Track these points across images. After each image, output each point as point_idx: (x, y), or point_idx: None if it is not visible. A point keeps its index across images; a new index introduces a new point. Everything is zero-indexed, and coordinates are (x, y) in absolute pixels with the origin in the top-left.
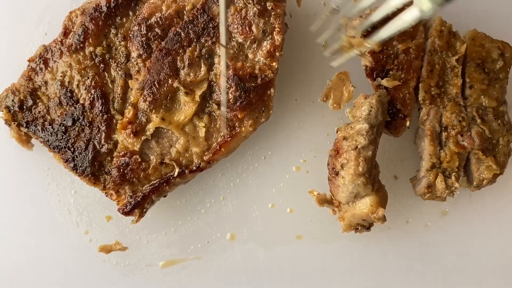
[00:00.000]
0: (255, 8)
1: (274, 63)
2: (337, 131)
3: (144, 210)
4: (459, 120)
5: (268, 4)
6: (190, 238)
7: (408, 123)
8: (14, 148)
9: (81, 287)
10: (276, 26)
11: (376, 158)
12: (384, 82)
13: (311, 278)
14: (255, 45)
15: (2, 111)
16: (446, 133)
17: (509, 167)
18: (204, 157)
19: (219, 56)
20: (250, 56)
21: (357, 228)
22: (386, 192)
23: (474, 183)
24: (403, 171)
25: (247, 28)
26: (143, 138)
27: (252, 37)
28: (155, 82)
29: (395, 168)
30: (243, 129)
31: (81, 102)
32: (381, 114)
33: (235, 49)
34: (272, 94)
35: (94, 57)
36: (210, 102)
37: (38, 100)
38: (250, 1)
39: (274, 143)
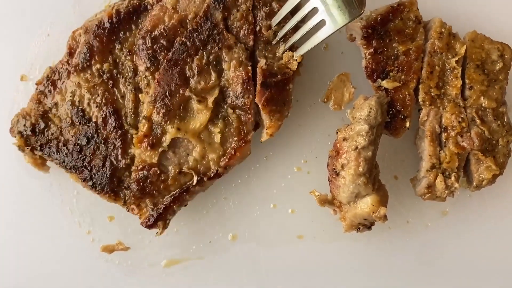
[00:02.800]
0: (262, 12)
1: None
2: (337, 132)
3: (167, 221)
4: (458, 121)
5: (274, 3)
6: (192, 238)
7: (408, 124)
8: (16, 149)
9: (83, 287)
10: None
11: (376, 159)
12: (385, 83)
13: (312, 277)
14: (269, 46)
15: (15, 137)
16: (446, 134)
17: (508, 167)
18: (220, 163)
19: (226, 61)
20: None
21: (359, 228)
22: (386, 191)
23: (474, 183)
24: (403, 171)
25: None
26: (160, 150)
27: (264, 38)
28: (167, 93)
29: (395, 169)
30: (267, 131)
31: (94, 120)
32: (380, 115)
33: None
34: (290, 90)
35: (101, 74)
36: (225, 107)
37: (50, 122)
38: (257, 4)
39: (275, 143)
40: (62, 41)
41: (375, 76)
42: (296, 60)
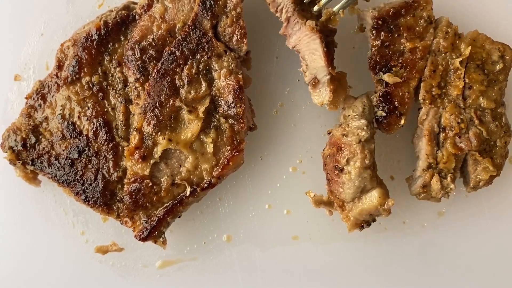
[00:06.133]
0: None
1: None
2: (329, 133)
3: (162, 235)
4: (457, 122)
5: None
6: (187, 239)
7: (402, 121)
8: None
9: None
10: None
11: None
12: (386, 77)
13: (308, 278)
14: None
15: (6, 152)
16: (444, 134)
17: (505, 168)
18: (213, 173)
19: (216, 70)
20: None
21: (362, 226)
22: (385, 186)
23: (471, 184)
24: (400, 172)
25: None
26: (151, 161)
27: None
28: (157, 104)
29: (391, 169)
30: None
31: (85, 133)
32: (372, 111)
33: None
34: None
35: (91, 86)
36: (217, 116)
37: (40, 137)
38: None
39: (270, 143)
40: (56, 40)
41: (377, 69)
42: (340, 15)
